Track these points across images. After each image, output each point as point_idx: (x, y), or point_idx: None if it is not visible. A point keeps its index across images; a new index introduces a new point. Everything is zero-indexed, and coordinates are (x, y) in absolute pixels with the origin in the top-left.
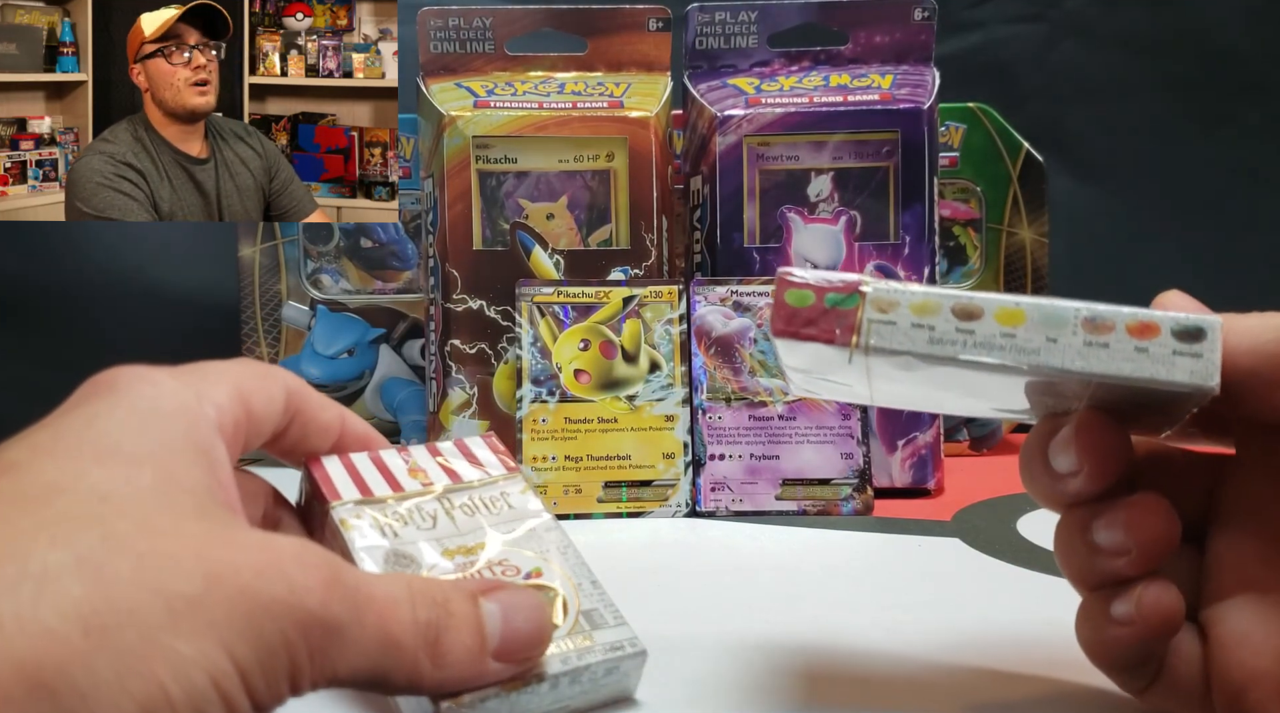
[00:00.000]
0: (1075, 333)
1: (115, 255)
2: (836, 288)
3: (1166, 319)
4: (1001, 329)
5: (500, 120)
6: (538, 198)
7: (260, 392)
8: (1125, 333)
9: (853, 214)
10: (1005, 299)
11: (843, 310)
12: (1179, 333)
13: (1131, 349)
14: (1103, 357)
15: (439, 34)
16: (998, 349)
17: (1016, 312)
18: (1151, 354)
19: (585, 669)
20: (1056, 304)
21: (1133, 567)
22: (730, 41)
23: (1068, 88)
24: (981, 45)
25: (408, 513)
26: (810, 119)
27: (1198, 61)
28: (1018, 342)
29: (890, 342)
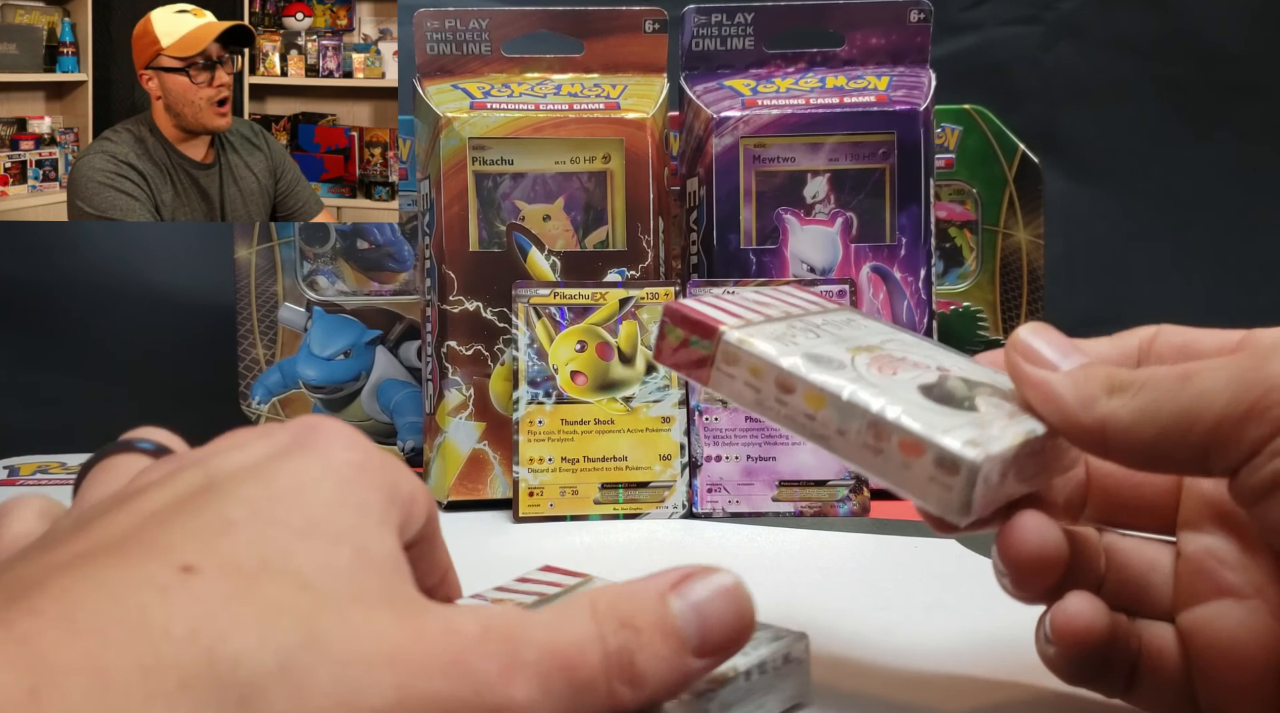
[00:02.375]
0: (860, 433)
1: (112, 256)
2: (700, 331)
3: (933, 446)
4: (805, 409)
5: (497, 122)
6: (534, 199)
7: (423, 495)
8: (896, 447)
9: (849, 216)
10: (822, 383)
11: (701, 353)
12: (938, 461)
13: (899, 464)
14: (876, 462)
15: (435, 35)
16: (799, 427)
17: (819, 397)
18: (913, 473)
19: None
20: (856, 399)
21: (1015, 589)
22: (726, 43)
23: (1064, 90)
24: (977, 47)
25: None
26: (806, 121)
27: (1194, 63)
28: (815, 426)
29: (727, 393)
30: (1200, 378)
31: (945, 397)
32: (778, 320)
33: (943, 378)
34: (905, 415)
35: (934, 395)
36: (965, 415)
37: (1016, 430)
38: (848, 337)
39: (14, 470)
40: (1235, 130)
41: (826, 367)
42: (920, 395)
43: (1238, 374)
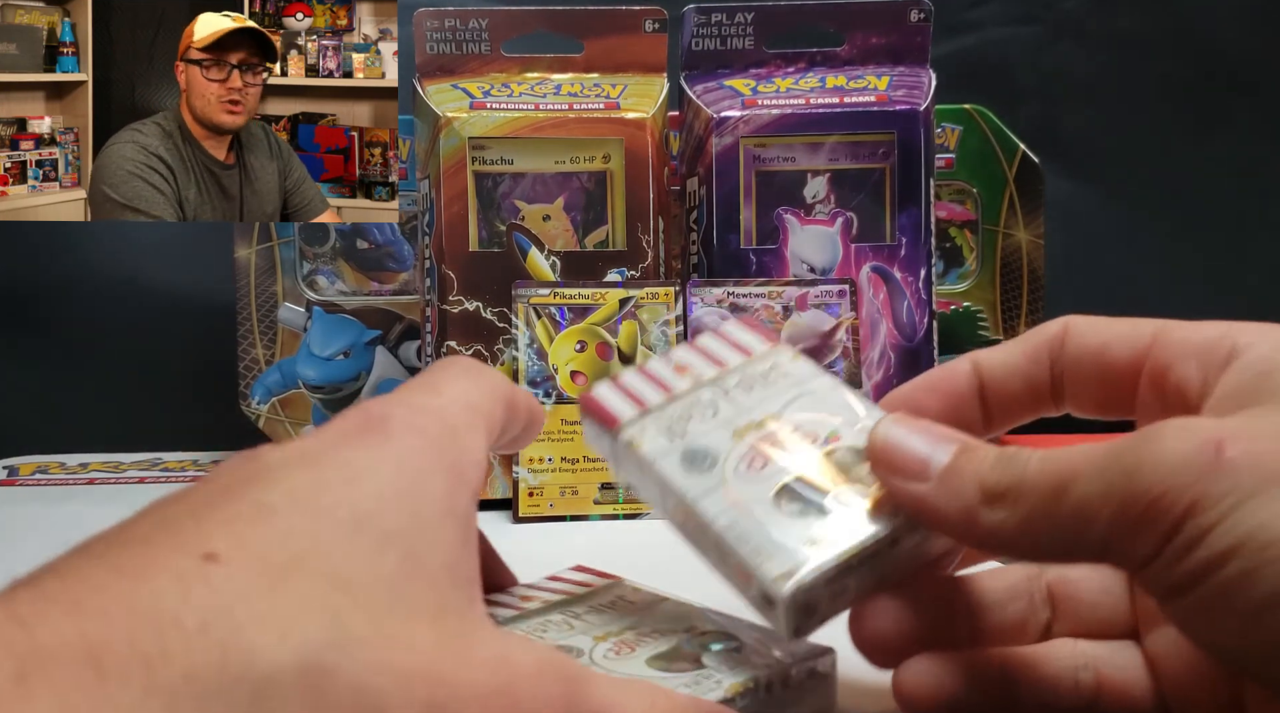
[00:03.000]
0: (710, 549)
1: (112, 256)
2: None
3: (754, 576)
4: (674, 513)
5: (497, 122)
6: (534, 199)
7: (498, 426)
8: (734, 569)
9: (849, 216)
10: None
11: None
12: (760, 593)
13: (741, 584)
14: (725, 575)
15: (435, 35)
16: (677, 526)
17: (683, 507)
18: (751, 594)
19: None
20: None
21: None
22: (726, 43)
23: (1064, 89)
24: (978, 47)
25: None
26: (807, 120)
27: (1194, 63)
28: (684, 529)
29: (626, 479)
30: (1076, 488)
31: (796, 499)
32: (682, 397)
33: (800, 480)
34: (740, 540)
35: (786, 500)
36: (807, 525)
37: (861, 535)
38: (749, 406)
39: (14, 471)
40: (1236, 130)
41: (698, 468)
42: (771, 503)
43: (1115, 484)
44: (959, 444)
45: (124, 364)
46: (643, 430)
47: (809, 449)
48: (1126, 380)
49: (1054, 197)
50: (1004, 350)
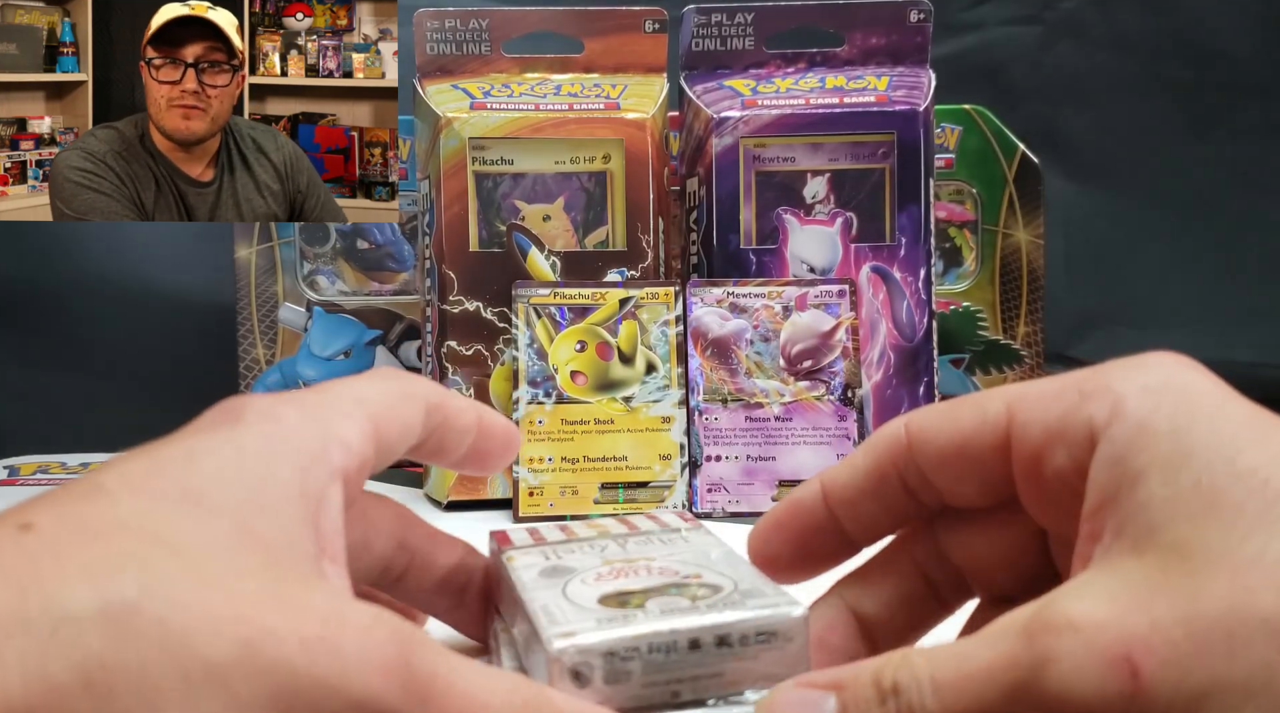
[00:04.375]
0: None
1: (112, 256)
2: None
3: (539, 637)
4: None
5: (497, 122)
6: (534, 199)
7: (396, 421)
8: (530, 641)
9: (849, 216)
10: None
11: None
12: (541, 657)
13: (535, 657)
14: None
15: (435, 35)
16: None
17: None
18: (539, 669)
19: (733, 628)
20: (524, 593)
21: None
22: (726, 43)
23: (1063, 90)
24: (977, 47)
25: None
26: (806, 121)
27: (1193, 63)
28: (512, 635)
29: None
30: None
31: (617, 601)
32: (579, 540)
33: (630, 590)
34: (542, 610)
35: (610, 601)
36: (612, 615)
37: (659, 625)
38: (634, 552)
39: (14, 471)
40: (1235, 130)
41: (550, 578)
42: (594, 600)
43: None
44: (834, 685)
45: (124, 364)
46: (525, 553)
47: (659, 579)
48: (999, 471)
49: (1053, 197)
50: (847, 469)
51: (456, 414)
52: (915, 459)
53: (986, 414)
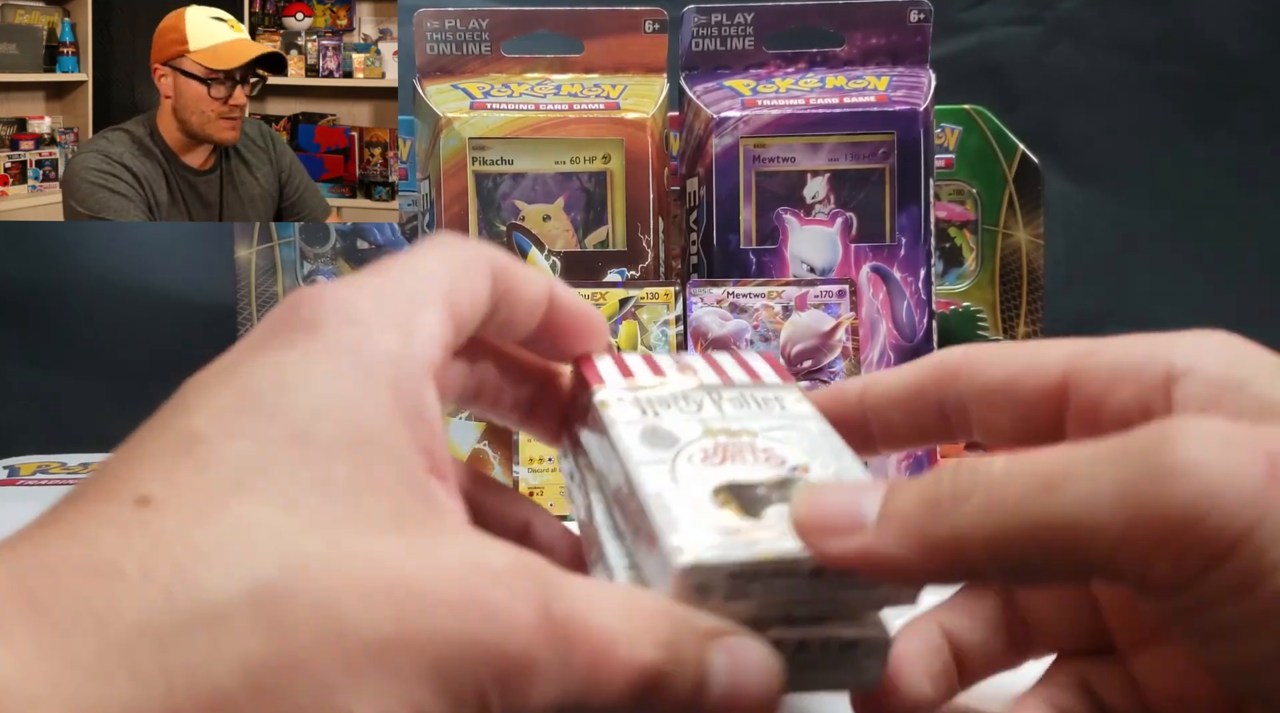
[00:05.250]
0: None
1: (112, 256)
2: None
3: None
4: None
5: (497, 122)
6: (534, 199)
7: (467, 293)
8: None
9: (849, 216)
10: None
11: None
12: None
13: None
14: (635, 543)
15: (435, 36)
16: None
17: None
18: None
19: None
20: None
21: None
22: (726, 43)
23: (1064, 90)
24: (977, 47)
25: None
26: (806, 121)
27: (1194, 63)
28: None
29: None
30: (1071, 489)
31: (734, 500)
32: (672, 387)
33: (746, 486)
34: (660, 508)
35: (724, 495)
36: (733, 521)
37: (782, 550)
38: (733, 416)
39: (14, 471)
40: (1235, 130)
41: (654, 444)
42: (709, 494)
43: (1129, 491)
44: (885, 485)
45: (124, 364)
46: (619, 398)
47: (770, 468)
48: (1042, 412)
49: (1053, 196)
50: (893, 377)
51: (524, 282)
52: (960, 385)
53: (1041, 357)
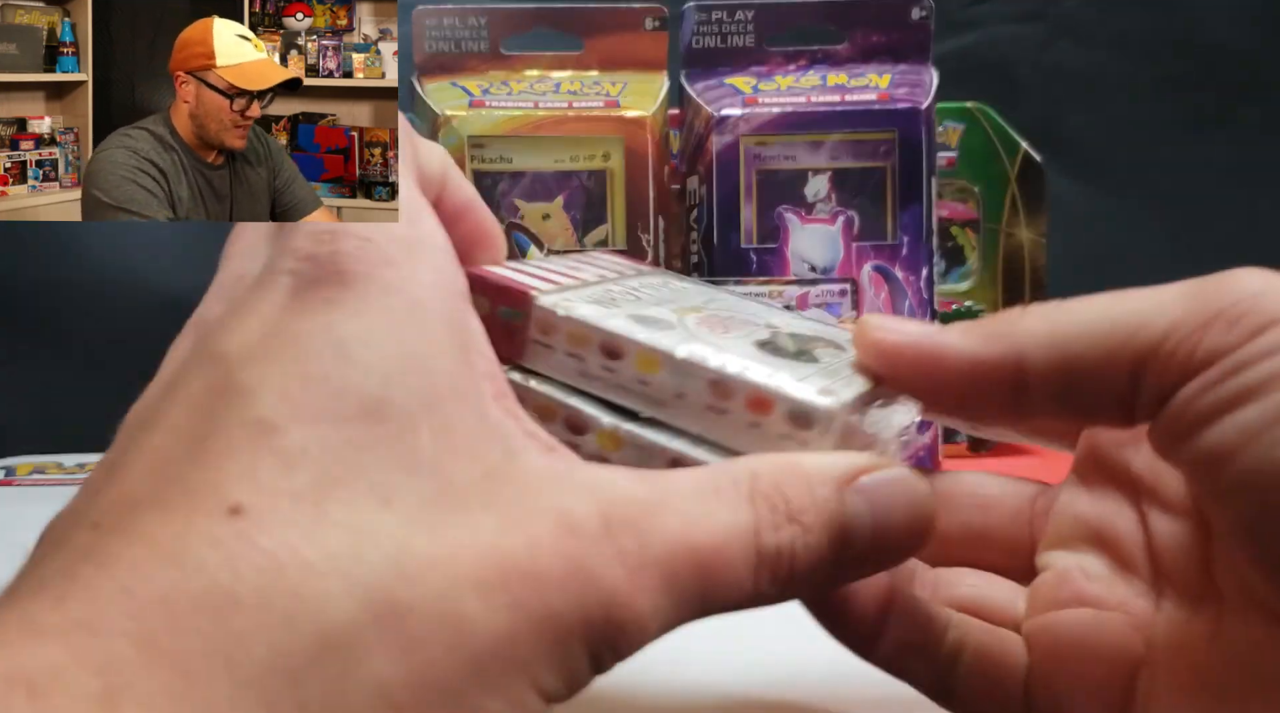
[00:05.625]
0: (700, 394)
1: (110, 256)
2: (508, 299)
3: (783, 399)
4: (638, 375)
5: (495, 120)
6: (534, 198)
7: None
8: (743, 405)
9: (850, 214)
10: (654, 342)
11: (513, 323)
12: (790, 415)
13: (746, 423)
14: (721, 425)
15: (434, 33)
16: (633, 395)
17: (653, 359)
18: (763, 431)
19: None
20: (694, 357)
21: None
22: (727, 40)
23: (1066, 88)
24: (979, 45)
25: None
26: (807, 119)
27: (1197, 62)
28: (650, 391)
29: (545, 367)
30: (1140, 294)
31: (782, 351)
32: (593, 284)
33: (775, 334)
34: (749, 370)
35: (770, 351)
36: (809, 366)
37: (863, 381)
38: (669, 298)
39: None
40: (1239, 128)
41: (655, 327)
42: (757, 351)
43: (1194, 288)
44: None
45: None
46: (567, 300)
47: (757, 328)
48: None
49: (1056, 195)
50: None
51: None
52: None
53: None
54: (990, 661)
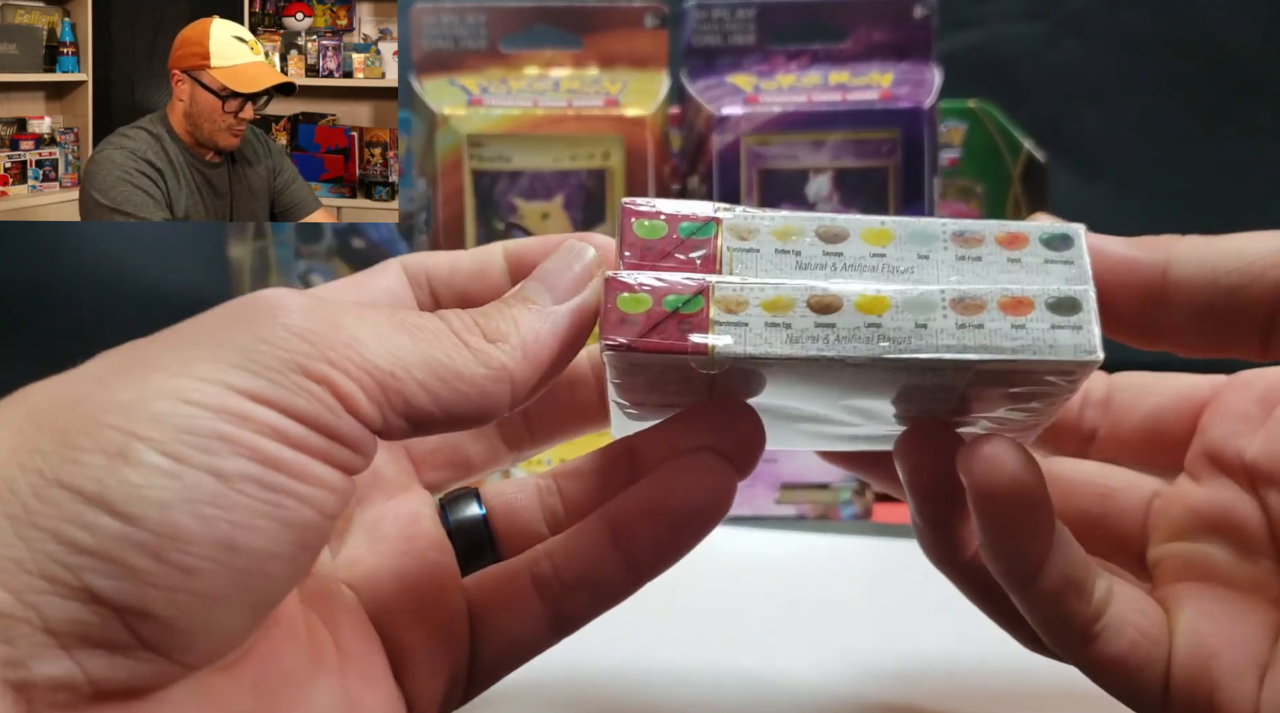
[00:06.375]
0: (945, 247)
1: (108, 256)
2: (690, 217)
3: (1034, 228)
4: (870, 248)
5: (494, 118)
6: (533, 197)
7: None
8: (995, 244)
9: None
10: (870, 220)
11: (699, 239)
12: (1046, 241)
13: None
14: (976, 270)
15: (432, 31)
16: (868, 271)
17: (883, 232)
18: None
19: None
20: (923, 222)
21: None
22: (728, 39)
23: (1070, 86)
24: (982, 43)
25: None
26: (809, 118)
27: (1202, 61)
28: (887, 261)
29: (754, 270)
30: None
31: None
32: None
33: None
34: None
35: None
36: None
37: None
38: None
39: None
40: (1243, 128)
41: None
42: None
43: None
44: None
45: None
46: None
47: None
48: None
49: (1059, 194)
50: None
51: (460, 259)
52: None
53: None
54: (1140, 612)
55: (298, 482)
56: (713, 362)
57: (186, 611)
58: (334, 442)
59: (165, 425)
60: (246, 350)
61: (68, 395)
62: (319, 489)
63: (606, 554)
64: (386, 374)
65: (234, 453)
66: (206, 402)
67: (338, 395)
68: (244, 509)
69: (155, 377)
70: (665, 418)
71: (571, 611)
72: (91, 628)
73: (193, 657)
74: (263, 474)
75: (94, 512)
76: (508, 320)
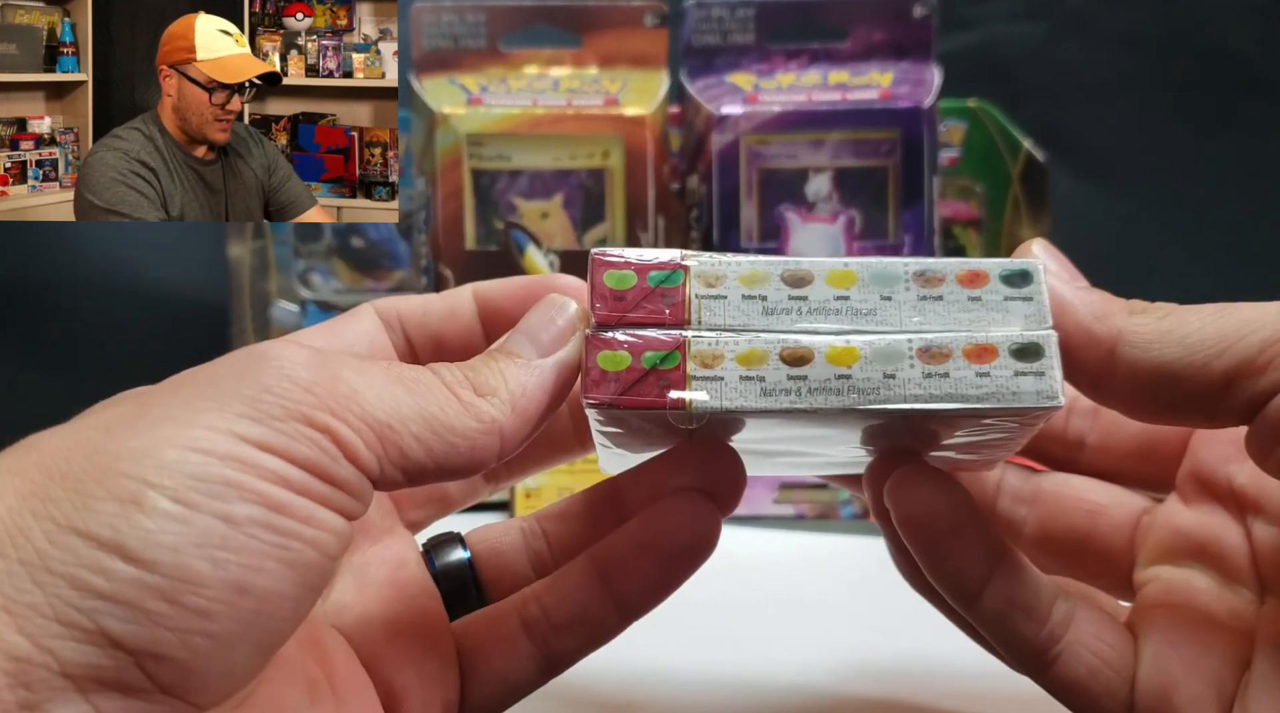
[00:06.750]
0: (908, 288)
1: (107, 256)
2: (658, 265)
3: (994, 266)
4: (834, 291)
5: (494, 117)
6: (532, 196)
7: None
8: (956, 283)
9: (852, 214)
10: (834, 263)
11: (668, 288)
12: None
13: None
14: (938, 310)
15: (431, 30)
16: (832, 313)
17: (847, 273)
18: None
19: None
20: (885, 262)
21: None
22: (728, 38)
23: (1070, 86)
24: (982, 43)
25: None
26: (809, 117)
27: (1202, 60)
28: (851, 303)
29: (722, 317)
30: (1244, 309)
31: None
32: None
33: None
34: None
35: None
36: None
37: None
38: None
39: None
40: (1244, 128)
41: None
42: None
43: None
44: None
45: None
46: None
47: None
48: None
49: (1059, 194)
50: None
51: (426, 305)
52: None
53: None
54: (1099, 638)
55: (303, 525)
56: (690, 417)
57: (199, 652)
58: (335, 488)
59: (176, 473)
60: (252, 400)
61: (78, 444)
62: (322, 532)
63: (596, 595)
64: (384, 425)
65: (242, 498)
66: (215, 450)
67: (339, 444)
68: (253, 552)
69: (165, 426)
70: (649, 454)
71: (561, 651)
72: (107, 671)
73: (204, 698)
74: (270, 518)
75: (109, 557)
76: (496, 375)
